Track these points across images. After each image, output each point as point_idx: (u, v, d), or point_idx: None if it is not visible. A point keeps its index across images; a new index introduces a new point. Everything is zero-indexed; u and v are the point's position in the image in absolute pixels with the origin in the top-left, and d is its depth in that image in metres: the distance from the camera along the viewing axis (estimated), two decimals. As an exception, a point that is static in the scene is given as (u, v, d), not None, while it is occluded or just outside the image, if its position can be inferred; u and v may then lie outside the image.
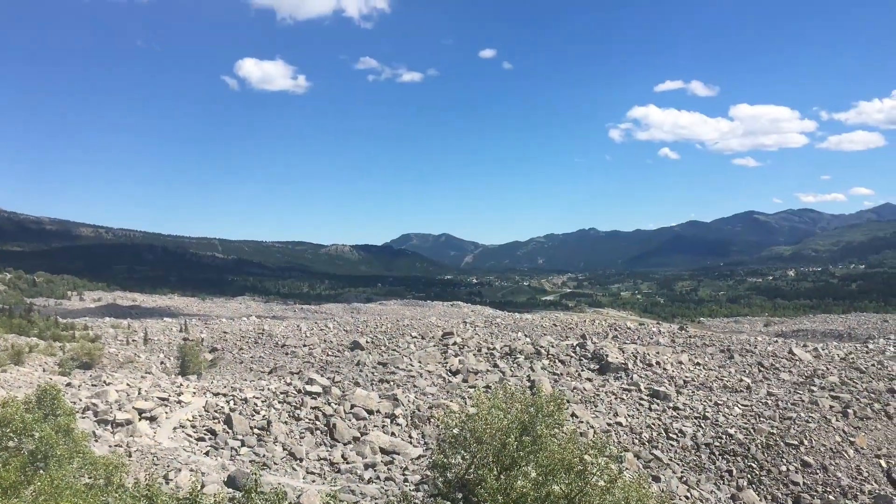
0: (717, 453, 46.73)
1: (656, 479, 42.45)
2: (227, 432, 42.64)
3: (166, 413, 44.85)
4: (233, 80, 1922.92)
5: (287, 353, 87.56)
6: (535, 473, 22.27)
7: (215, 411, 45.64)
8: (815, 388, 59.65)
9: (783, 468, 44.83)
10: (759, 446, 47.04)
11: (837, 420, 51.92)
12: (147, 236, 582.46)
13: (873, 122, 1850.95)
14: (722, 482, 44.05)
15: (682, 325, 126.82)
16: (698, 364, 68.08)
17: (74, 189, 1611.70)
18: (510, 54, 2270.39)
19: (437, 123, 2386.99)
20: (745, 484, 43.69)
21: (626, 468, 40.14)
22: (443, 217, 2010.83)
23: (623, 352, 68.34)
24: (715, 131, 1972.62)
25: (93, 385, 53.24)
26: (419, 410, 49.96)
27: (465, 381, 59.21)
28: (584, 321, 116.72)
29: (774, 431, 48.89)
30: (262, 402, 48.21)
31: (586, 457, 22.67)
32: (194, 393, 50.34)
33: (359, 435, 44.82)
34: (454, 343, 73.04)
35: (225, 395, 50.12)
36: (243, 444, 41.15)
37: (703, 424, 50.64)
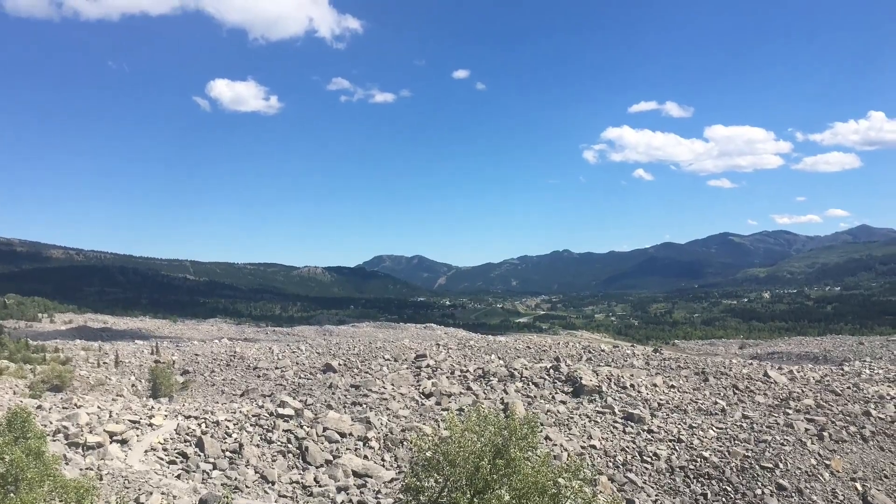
0: (691, 476, 46.77)
1: (630, 502, 42.43)
2: (199, 455, 42.18)
3: (137, 436, 44.32)
4: (204, 101, 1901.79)
5: (259, 376, 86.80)
6: (508, 497, 22.17)
7: (187, 434, 45.13)
8: (790, 411, 59.85)
9: (758, 491, 44.90)
10: (734, 469, 47.14)
11: (813, 443, 52.06)
12: (118, 258, 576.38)
13: (849, 143, 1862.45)
14: (696, 505, 44.06)
15: (656, 348, 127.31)
16: (673, 387, 68.24)
17: (45, 211, 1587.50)
18: (483, 75, 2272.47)
19: (409, 144, 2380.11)
20: (719, 506, 43.72)
21: (600, 491, 40.12)
22: (416, 239, 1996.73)
23: (597, 374, 68.36)
24: (689, 152, 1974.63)
25: (63, 408, 52.42)
26: (392, 433, 49.74)
27: (438, 403, 59.01)
28: (558, 343, 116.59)
29: (749, 454, 49.01)
30: (234, 424, 47.76)
31: (560, 480, 22.64)
32: (166, 416, 49.78)
33: (331, 458, 44.54)
34: (427, 365, 72.90)
35: (196, 417, 49.57)
36: (215, 467, 40.73)
37: (677, 447, 50.71)
